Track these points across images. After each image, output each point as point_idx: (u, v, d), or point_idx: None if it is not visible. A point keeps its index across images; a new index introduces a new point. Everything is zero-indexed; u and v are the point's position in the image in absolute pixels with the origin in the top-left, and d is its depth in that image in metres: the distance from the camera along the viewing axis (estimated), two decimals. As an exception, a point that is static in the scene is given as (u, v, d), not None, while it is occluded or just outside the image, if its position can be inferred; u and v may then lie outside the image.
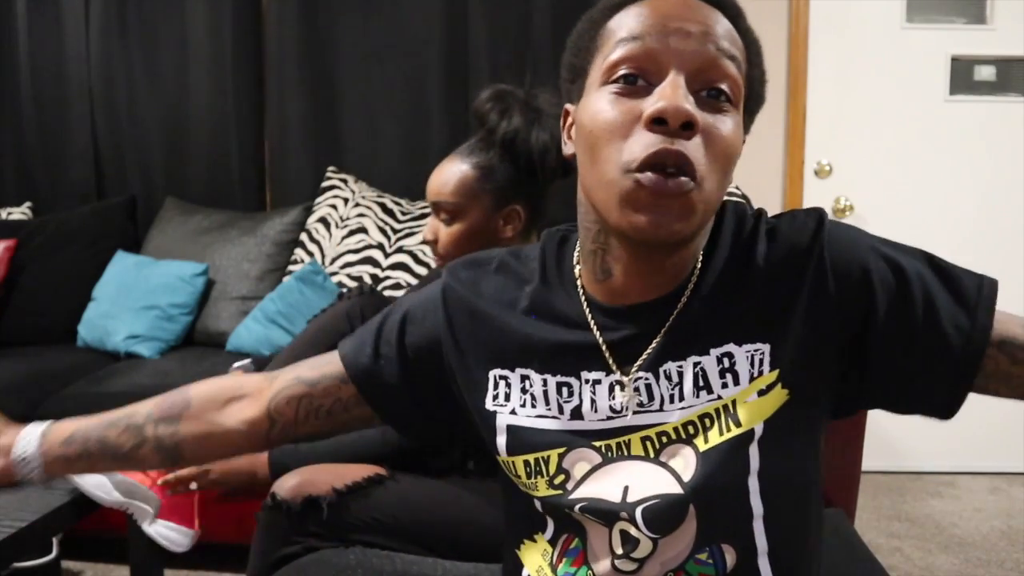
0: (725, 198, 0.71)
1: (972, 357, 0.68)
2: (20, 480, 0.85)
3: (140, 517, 1.30)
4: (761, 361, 0.69)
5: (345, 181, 2.78)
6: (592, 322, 0.73)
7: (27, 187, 3.07)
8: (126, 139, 3.00)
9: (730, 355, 0.69)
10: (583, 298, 0.75)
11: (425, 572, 1.03)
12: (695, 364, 0.70)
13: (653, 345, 0.71)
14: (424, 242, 1.41)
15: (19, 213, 2.97)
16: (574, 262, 0.78)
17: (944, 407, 0.70)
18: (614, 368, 0.72)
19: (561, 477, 0.73)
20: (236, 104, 2.91)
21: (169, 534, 1.30)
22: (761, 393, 0.68)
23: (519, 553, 0.79)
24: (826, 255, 0.69)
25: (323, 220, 2.69)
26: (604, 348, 0.72)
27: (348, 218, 2.67)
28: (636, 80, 0.66)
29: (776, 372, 0.68)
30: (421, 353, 0.82)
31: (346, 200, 2.72)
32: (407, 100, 2.84)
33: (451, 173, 1.27)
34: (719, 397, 0.69)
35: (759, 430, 0.68)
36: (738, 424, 0.68)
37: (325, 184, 2.78)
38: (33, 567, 1.84)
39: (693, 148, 0.63)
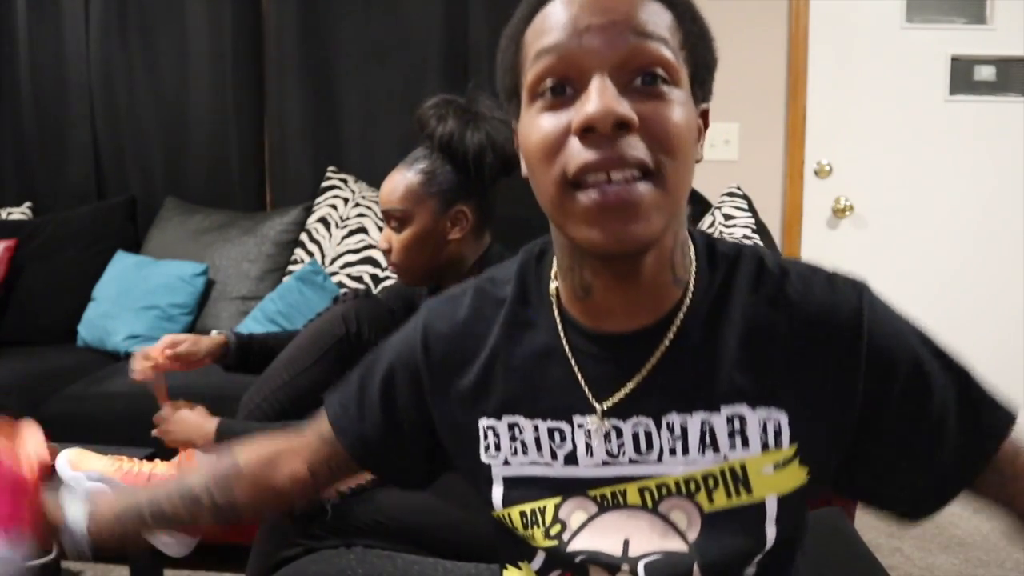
0: (745, 240, 0.69)
1: (955, 487, 0.68)
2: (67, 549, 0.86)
3: None
4: (777, 432, 0.66)
5: (345, 181, 2.78)
6: (567, 345, 0.71)
7: (27, 187, 3.07)
8: (126, 139, 3.00)
9: (741, 417, 0.66)
10: (558, 318, 0.72)
11: (426, 572, 1.03)
12: (703, 422, 0.67)
13: (638, 380, 0.68)
14: (382, 253, 1.42)
15: (19, 213, 2.97)
16: (551, 277, 0.74)
17: (915, 515, 0.71)
18: (595, 402, 0.69)
19: (557, 527, 0.71)
20: (236, 104, 2.91)
21: (168, 540, 1.31)
22: (777, 467, 0.66)
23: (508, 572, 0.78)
24: (865, 342, 0.66)
25: (323, 220, 2.69)
26: (583, 380, 0.70)
27: (348, 218, 2.67)
28: (564, 89, 0.62)
29: (795, 447, 0.66)
30: (409, 412, 0.80)
31: (346, 200, 2.72)
32: (407, 100, 2.84)
33: (398, 181, 1.31)
34: (725, 458, 0.67)
35: (772, 505, 0.67)
36: (748, 491, 0.67)
37: (325, 184, 2.78)
38: (33, 567, 1.84)
39: (634, 146, 0.59)
